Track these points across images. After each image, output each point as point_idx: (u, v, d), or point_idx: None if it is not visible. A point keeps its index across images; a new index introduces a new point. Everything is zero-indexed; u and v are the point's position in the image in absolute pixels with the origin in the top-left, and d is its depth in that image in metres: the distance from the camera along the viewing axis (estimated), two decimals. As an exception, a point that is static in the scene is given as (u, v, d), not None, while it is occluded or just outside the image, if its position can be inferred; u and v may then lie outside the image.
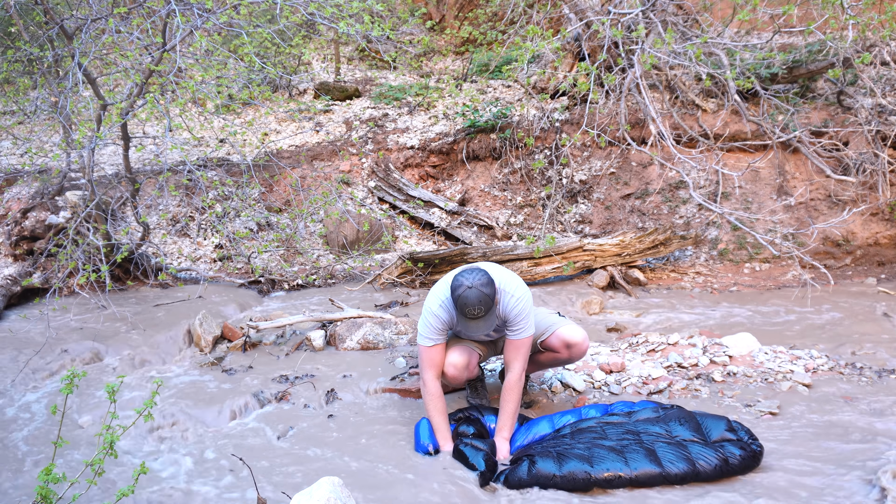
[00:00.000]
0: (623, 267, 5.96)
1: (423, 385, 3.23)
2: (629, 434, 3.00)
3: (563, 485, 2.80)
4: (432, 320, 3.17)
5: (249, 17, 5.89)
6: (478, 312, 2.99)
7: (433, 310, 3.16)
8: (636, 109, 6.78)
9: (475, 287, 2.96)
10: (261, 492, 2.77)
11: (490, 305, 3.00)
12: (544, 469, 2.83)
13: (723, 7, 7.02)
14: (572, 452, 2.89)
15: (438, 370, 3.22)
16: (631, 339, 4.29)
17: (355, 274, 6.29)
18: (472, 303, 2.96)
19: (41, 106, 6.03)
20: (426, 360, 3.21)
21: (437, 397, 3.19)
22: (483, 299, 2.97)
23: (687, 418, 3.03)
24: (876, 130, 6.12)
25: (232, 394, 3.87)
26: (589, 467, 2.80)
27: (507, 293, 3.12)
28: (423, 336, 3.20)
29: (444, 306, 3.15)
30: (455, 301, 3.01)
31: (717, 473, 2.77)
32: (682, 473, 2.76)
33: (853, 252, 6.23)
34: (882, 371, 3.73)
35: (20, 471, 3.21)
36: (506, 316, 3.15)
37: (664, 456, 2.82)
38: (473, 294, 2.96)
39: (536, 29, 5.61)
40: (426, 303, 3.22)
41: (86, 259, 5.20)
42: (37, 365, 4.40)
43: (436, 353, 3.20)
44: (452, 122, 8.02)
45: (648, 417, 3.10)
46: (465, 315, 3.01)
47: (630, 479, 2.76)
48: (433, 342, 3.18)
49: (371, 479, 2.97)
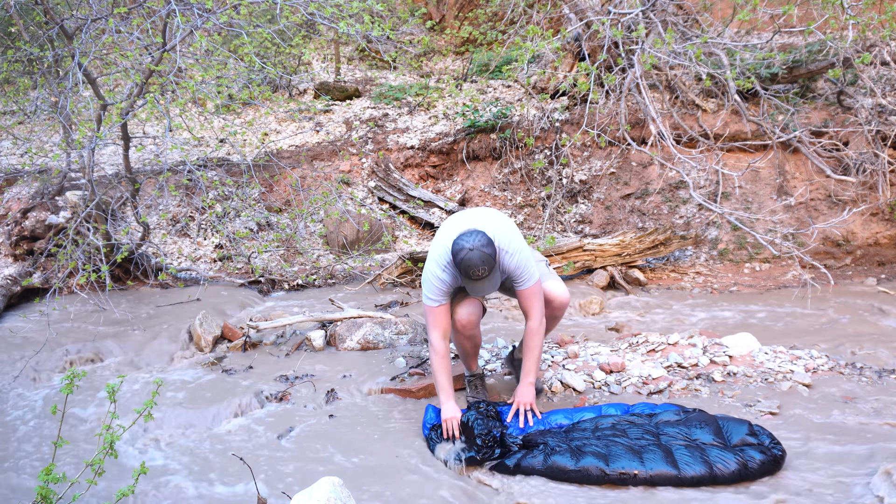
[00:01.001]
0: (623, 267, 5.96)
1: (430, 346, 3.29)
2: (648, 435, 3.02)
3: (576, 479, 2.84)
4: (436, 283, 3.22)
5: (249, 17, 5.89)
6: (482, 273, 3.04)
7: (436, 273, 3.22)
8: (636, 109, 6.78)
9: (476, 249, 3.02)
10: (261, 492, 2.77)
11: (492, 264, 3.06)
12: (560, 462, 2.88)
13: (723, 7, 7.02)
14: (589, 449, 2.92)
15: (445, 330, 3.28)
16: (631, 339, 4.29)
17: (355, 274, 6.29)
18: (476, 264, 3.01)
19: (41, 106, 6.03)
20: (432, 321, 3.27)
21: (444, 357, 3.27)
22: (486, 259, 3.02)
23: (707, 421, 3.05)
24: (876, 130, 6.12)
25: (232, 394, 3.87)
26: (604, 465, 2.83)
27: (504, 251, 3.17)
28: (429, 297, 3.26)
29: (447, 270, 3.20)
30: (458, 265, 3.05)
31: (734, 477, 2.75)
32: (698, 476, 2.76)
33: (853, 252, 6.23)
34: (882, 371, 3.73)
35: (20, 471, 3.21)
36: (508, 271, 3.22)
37: (681, 458, 2.83)
38: (476, 256, 3.01)
39: (536, 29, 5.62)
40: (427, 265, 3.28)
41: (86, 259, 5.20)
42: (37, 365, 4.40)
43: (441, 312, 3.26)
44: (452, 122, 8.02)
45: (669, 420, 3.12)
46: (470, 277, 3.06)
47: (645, 479, 2.78)
48: (438, 303, 3.25)
49: (371, 478, 2.97)
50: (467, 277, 3.07)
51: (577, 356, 4.04)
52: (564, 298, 3.41)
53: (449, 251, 3.15)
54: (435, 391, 3.75)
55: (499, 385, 3.88)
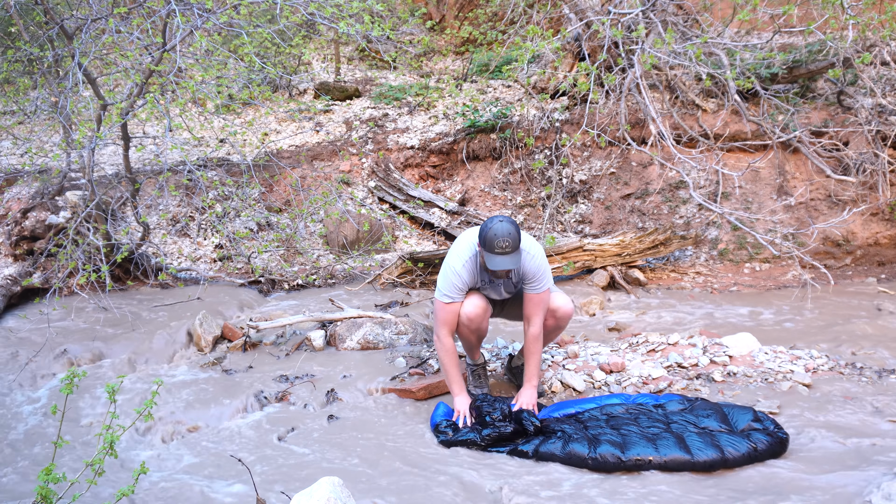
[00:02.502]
0: (623, 267, 5.96)
1: (437, 340, 3.38)
2: (659, 422, 3.12)
3: (593, 467, 2.93)
4: (454, 278, 3.31)
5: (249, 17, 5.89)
6: (506, 246, 3.09)
7: (456, 268, 3.30)
8: (636, 109, 6.78)
9: (506, 222, 3.11)
10: (260, 492, 2.77)
11: (517, 245, 3.13)
12: (578, 450, 2.97)
13: (723, 7, 7.02)
14: (605, 437, 3.02)
15: (453, 327, 3.38)
16: (631, 339, 4.29)
17: (355, 274, 6.29)
18: (503, 235, 3.08)
19: (41, 106, 6.02)
20: (442, 317, 3.36)
21: (451, 352, 3.38)
22: (513, 235, 3.10)
23: (714, 409, 3.17)
24: (876, 130, 6.12)
25: (232, 394, 3.87)
26: (620, 452, 2.92)
27: (527, 251, 3.27)
28: (443, 293, 3.34)
29: (466, 265, 3.30)
30: (485, 235, 3.12)
31: (745, 459, 2.86)
32: (710, 460, 2.86)
33: (853, 252, 6.23)
34: (882, 371, 3.73)
35: (20, 471, 3.21)
36: (526, 272, 3.31)
37: (693, 444, 2.92)
38: (504, 227, 3.09)
39: (536, 29, 5.62)
40: (447, 260, 3.36)
41: (86, 259, 5.20)
42: (37, 365, 4.40)
43: (452, 310, 3.35)
44: (452, 122, 8.01)
45: (675, 409, 3.24)
46: (494, 248, 3.10)
47: (660, 465, 2.87)
48: (451, 300, 3.33)
49: (371, 478, 2.97)
50: (491, 250, 3.11)
51: (577, 356, 4.04)
52: (569, 309, 3.54)
53: (472, 246, 3.27)
54: (435, 391, 3.77)
55: (499, 385, 3.88)
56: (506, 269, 3.20)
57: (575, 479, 2.88)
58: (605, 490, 2.78)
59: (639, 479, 2.85)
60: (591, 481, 2.86)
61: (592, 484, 2.84)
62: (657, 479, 2.83)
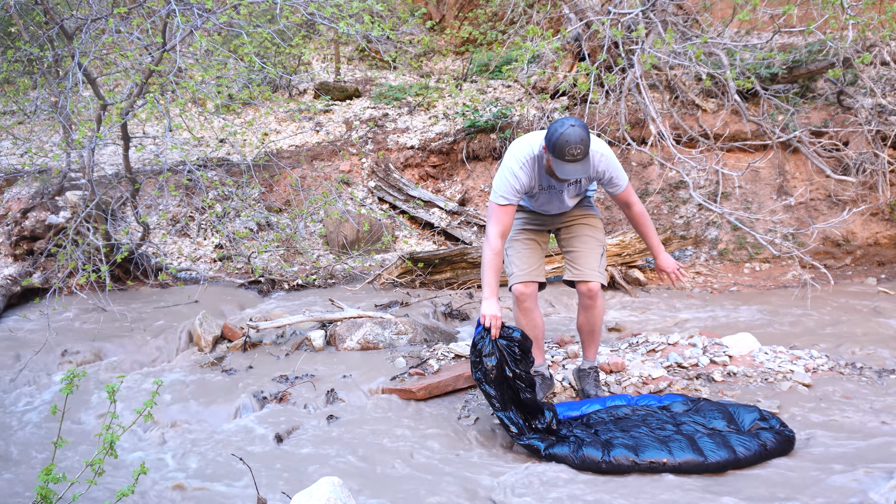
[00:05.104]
0: (623, 267, 5.95)
1: (486, 240, 3.22)
2: (668, 424, 3.12)
3: (607, 470, 2.91)
4: (511, 180, 3.19)
5: (249, 17, 5.89)
6: (577, 153, 2.96)
7: (514, 169, 3.19)
8: (636, 109, 6.78)
9: (578, 126, 2.96)
10: (260, 492, 2.77)
11: (587, 151, 3.00)
12: (591, 454, 2.95)
13: (723, 7, 7.02)
14: (618, 441, 3.00)
15: (505, 228, 3.23)
16: (631, 339, 4.29)
17: (355, 274, 6.28)
18: (575, 141, 2.94)
19: (41, 106, 6.03)
20: (495, 216, 3.21)
21: (497, 254, 3.20)
22: (585, 140, 2.96)
23: (719, 409, 3.18)
24: (876, 130, 6.12)
25: (232, 394, 3.87)
26: (634, 455, 2.91)
27: (598, 152, 3.16)
28: (499, 194, 3.21)
29: (524, 167, 3.19)
30: (555, 141, 2.96)
31: (756, 459, 2.87)
32: (723, 461, 2.86)
33: (853, 252, 6.23)
34: (882, 371, 3.73)
35: (20, 471, 3.21)
36: (601, 173, 3.21)
37: (705, 445, 2.92)
38: (577, 132, 2.94)
39: (536, 29, 5.62)
40: (505, 162, 3.25)
41: (86, 259, 5.20)
42: (37, 365, 4.40)
43: (507, 212, 3.22)
44: (452, 122, 8.01)
45: (680, 410, 3.24)
46: (565, 155, 2.97)
47: (674, 467, 2.86)
48: (507, 201, 3.21)
49: (371, 479, 2.97)
50: (561, 157, 2.98)
51: (578, 356, 4.04)
52: (595, 286, 3.44)
53: (532, 148, 3.15)
54: (435, 391, 3.76)
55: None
56: (577, 177, 3.08)
57: (579, 480, 2.86)
58: (606, 489, 2.78)
59: (646, 479, 2.84)
60: (591, 481, 2.86)
61: (594, 484, 2.83)
62: (669, 481, 2.81)
